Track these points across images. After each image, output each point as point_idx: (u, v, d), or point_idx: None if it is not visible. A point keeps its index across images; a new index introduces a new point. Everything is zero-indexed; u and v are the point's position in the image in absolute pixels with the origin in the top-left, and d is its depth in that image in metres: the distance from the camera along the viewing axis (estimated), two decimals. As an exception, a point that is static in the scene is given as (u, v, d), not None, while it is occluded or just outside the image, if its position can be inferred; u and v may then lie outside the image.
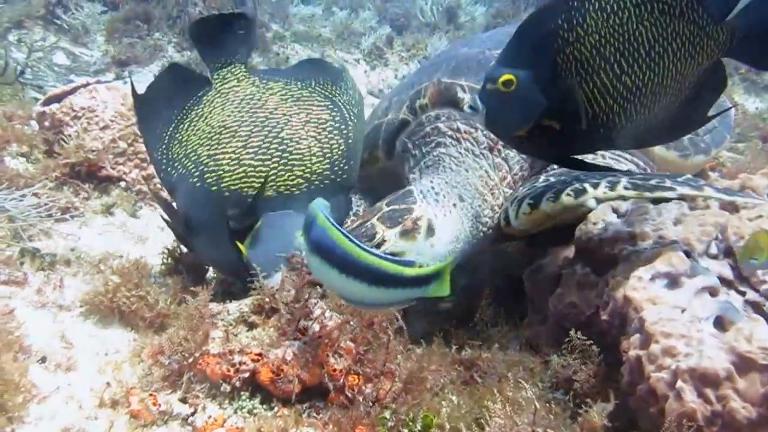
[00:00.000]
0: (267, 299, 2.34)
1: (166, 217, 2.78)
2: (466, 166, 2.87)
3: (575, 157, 2.17)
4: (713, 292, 2.02)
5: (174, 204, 2.74)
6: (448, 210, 2.70)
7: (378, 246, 2.56)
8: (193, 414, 2.09)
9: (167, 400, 2.10)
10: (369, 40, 11.02)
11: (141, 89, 2.94)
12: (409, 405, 2.07)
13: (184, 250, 2.88)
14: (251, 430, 2.04)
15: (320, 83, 2.92)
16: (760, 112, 6.50)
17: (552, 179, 2.66)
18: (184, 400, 2.12)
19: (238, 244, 2.49)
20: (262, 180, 2.51)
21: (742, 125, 6.14)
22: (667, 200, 2.36)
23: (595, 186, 2.37)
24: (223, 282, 2.77)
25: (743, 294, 2.20)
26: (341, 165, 2.63)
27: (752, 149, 4.99)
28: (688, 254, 2.12)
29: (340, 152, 2.64)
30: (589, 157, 2.25)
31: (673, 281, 2.03)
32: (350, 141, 2.68)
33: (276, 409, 2.13)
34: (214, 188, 2.55)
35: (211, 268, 2.92)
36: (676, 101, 2.03)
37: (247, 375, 2.15)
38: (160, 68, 7.53)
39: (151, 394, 2.09)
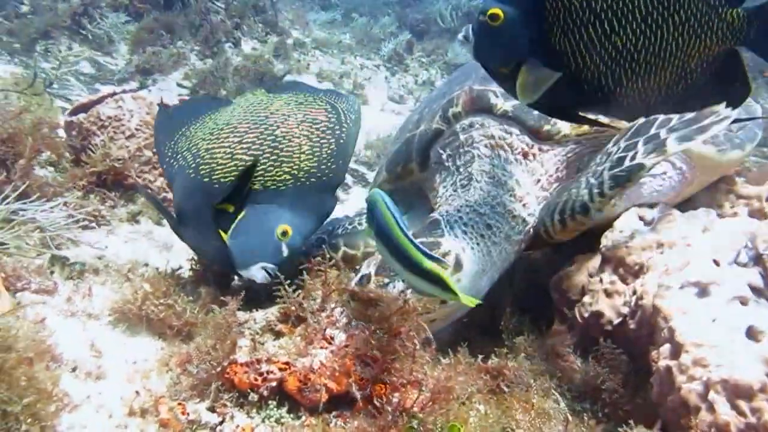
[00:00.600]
0: (293, 307, 2.35)
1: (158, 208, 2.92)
2: (497, 180, 2.84)
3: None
4: (744, 301, 2.00)
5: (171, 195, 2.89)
6: (475, 242, 2.65)
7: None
8: (221, 423, 2.10)
9: (196, 409, 2.12)
10: (389, 46, 11.05)
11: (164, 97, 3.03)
12: (437, 414, 2.06)
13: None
14: (279, 440, 2.06)
15: (326, 94, 3.01)
16: (786, 116, 6.41)
17: (592, 180, 2.58)
18: (212, 409, 2.14)
19: (222, 233, 2.55)
20: (255, 175, 2.57)
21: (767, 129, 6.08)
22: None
23: None
24: (249, 290, 2.78)
25: (774, 302, 2.18)
26: (329, 164, 2.65)
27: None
28: (717, 263, 2.10)
29: (329, 151, 2.66)
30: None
31: (703, 290, 2.01)
32: (341, 141, 2.70)
33: (303, 418, 2.14)
34: (206, 180, 2.64)
35: (236, 277, 2.93)
36: (679, 81, 1.98)
37: (274, 384, 2.16)
38: (183, 76, 7.63)
39: (179, 403, 2.11)
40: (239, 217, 2.55)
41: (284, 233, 2.49)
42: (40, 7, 8.01)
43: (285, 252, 2.51)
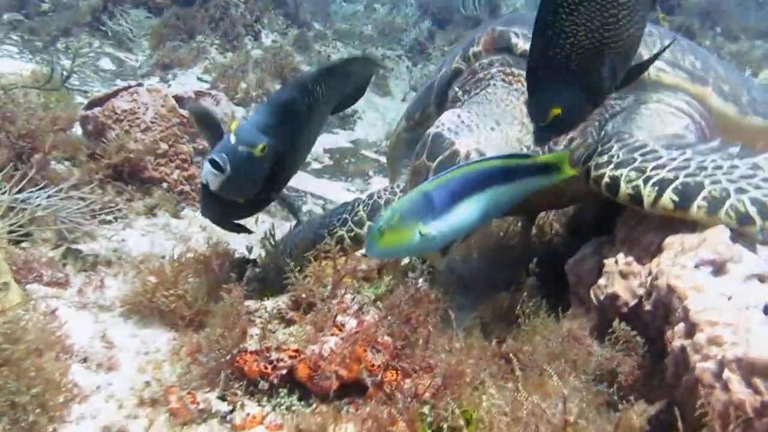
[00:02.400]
0: (304, 295, 2.33)
1: None
2: (508, 102, 2.76)
3: None
4: (762, 279, 1.92)
5: None
6: (487, 134, 2.58)
7: None
8: (231, 412, 2.09)
9: (206, 398, 2.11)
10: (410, 36, 11.00)
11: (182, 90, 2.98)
12: (448, 399, 2.02)
13: (221, 249, 2.85)
14: (290, 428, 2.03)
15: None
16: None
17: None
18: (222, 398, 2.13)
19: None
20: None
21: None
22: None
23: None
24: (263, 280, 2.75)
25: (798, 281, 2.11)
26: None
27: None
28: (734, 240, 2.02)
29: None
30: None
31: (719, 268, 1.94)
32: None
33: (314, 405, 2.12)
34: None
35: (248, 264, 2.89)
36: None
37: (284, 372, 2.14)
38: (203, 70, 7.64)
39: (189, 393, 2.10)
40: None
41: (230, 129, 2.24)
42: (60, 5, 8.09)
43: (232, 140, 2.20)
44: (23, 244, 2.66)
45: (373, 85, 8.81)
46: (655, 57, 2.48)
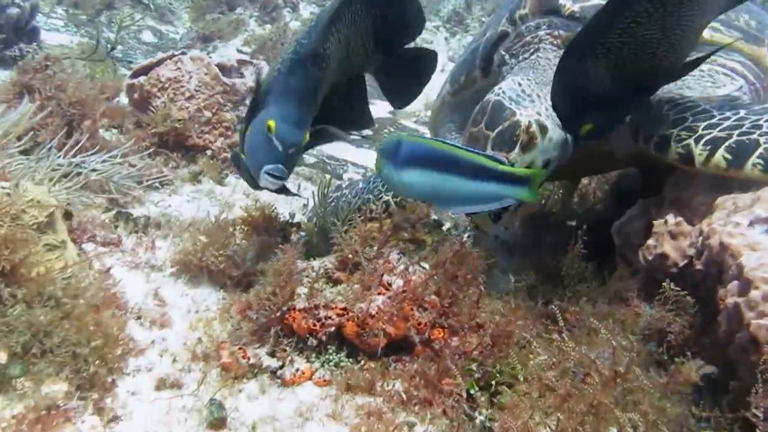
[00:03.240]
0: (350, 255, 2.35)
1: None
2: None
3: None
4: (818, 237, 1.90)
5: None
6: (547, 104, 2.54)
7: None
8: (281, 367, 2.13)
9: (256, 354, 2.15)
10: (448, 7, 10.90)
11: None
12: (496, 357, 2.04)
13: (267, 212, 2.89)
14: (339, 383, 2.07)
15: None
16: None
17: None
18: (272, 354, 2.17)
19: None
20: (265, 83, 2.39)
21: None
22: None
23: None
24: (307, 243, 2.79)
25: None
26: (302, 40, 2.35)
27: None
28: (789, 199, 1.99)
29: (307, 30, 2.38)
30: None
31: (774, 226, 1.92)
32: (320, 15, 2.39)
33: (362, 362, 2.15)
34: None
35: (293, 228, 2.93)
36: None
37: (332, 329, 2.17)
38: (243, 42, 7.68)
39: (240, 348, 2.14)
40: (246, 134, 2.37)
41: (269, 129, 2.23)
42: (103, -21, 8.18)
43: (279, 146, 2.25)
44: (77, 207, 2.72)
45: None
46: (705, 58, 2.40)
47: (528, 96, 2.49)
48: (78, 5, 7.43)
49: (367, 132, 6.12)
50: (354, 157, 5.38)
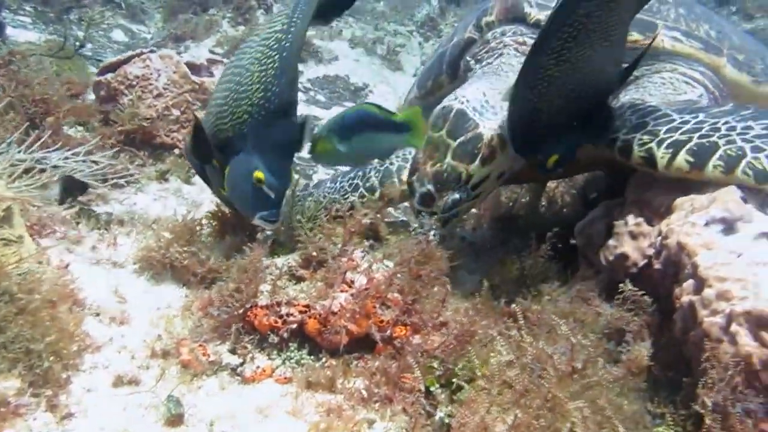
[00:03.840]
0: (314, 252, 2.34)
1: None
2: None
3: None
4: (773, 237, 1.92)
5: None
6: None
7: (467, 181, 2.48)
8: (242, 364, 2.12)
9: (217, 351, 2.13)
10: (422, 12, 10.93)
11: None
12: (457, 355, 2.04)
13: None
14: (299, 381, 2.05)
15: None
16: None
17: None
18: (233, 351, 2.15)
19: (221, 191, 2.47)
20: (226, 121, 2.37)
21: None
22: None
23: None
24: (274, 242, 2.77)
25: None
26: (275, 87, 2.32)
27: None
28: (745, 201, 2.02)
29: (274, 71, 2.34)
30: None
31: (729, 227, 1.94)
32: (285, 54, 2.35)
33: (324, 359, 2.14)
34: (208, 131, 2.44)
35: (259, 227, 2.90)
36: None
37: (294, 326, 2.16)
38: (215, 43, 7.64)
39: (200, 345, 2.12)
40: (226, 172, 2.40)
41: (259, 180, 2.30)
42: (73, -23, 8.08)
43: (271, 194, 2.32)
44: (37, 203, 2.68)
45: (385, 60, 8.79)
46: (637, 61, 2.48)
47: (492, 107, 2.52)
48: (47, 2, 7.32)
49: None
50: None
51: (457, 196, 2.48)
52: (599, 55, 2.25)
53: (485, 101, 2.54)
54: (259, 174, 2.30)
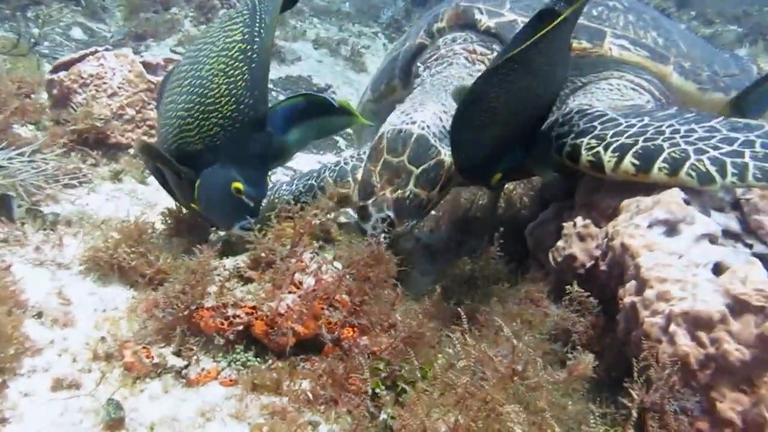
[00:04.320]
0: (263, 254, 2.32)
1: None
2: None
3: None
4: (713, 240, 1.96)
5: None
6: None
7: (425, 206, 2.54)
8: (186, 367, 2.09)
9: (161, 353, 2.10)
10: (387, 14, 10.95)
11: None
12: (404, 357, 2.03)
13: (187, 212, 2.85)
14: (245, 383, 2.03)
15: None
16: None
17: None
18: (178, 353, 2.12)
19: (192, 205, 2.48)
20: (192, 133, 2.37)
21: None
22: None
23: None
24: (225, 243, 2.75)
25: (750, 247, 2.14)
26: (246, 99, 2.32)
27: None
28: (688, 203, 2.05)
29: (243, 83, 2.33)
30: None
31: (672, 228, 1.97)
32: (254, 65, 2.34)
33: (270, 361, 2.12)
34: (165, 146, 2.45)
35: (213, 228, 2.88)
36: None
37: (241, 328, 2.14)
38: (177, 42, 7.56)
39: (144, 347, 2.09)
40: (197, 184, 2.41)
41: (238, 191, 2.37)
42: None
43: (250, 204, 2.41)
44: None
45: (349, 61, 8.78)
46: None
47: (448, 132, 2.54)
48: (2, 0, 7.19)
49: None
50: (284, 159, 5.33)
51: (414, 221, 2.52)
52: (541, 83, 2.27)
53: (443, 127, 2.57)
54: (237, 185, 2.36)
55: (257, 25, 2.39)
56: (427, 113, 2.60)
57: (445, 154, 2.49)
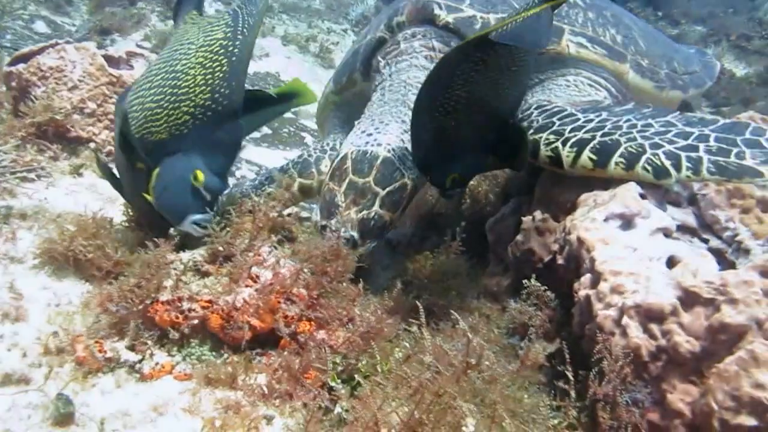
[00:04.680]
0: (221, 248, 2.30)
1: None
2: None
3: None
4: (668, 233, 1.97)
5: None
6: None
7: (388, 227, 2.56)
8: (140, 361, 2.06)
9: (114, 348, 2.06)
10: (357, 11, 10.92)
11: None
12: (361, 350, 2.02)
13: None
14: (199, 377, 2.00)
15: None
16: (747, 76, 6.44)
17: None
18: (131, 348, 2.09)
19: (145, 195, 2.44)
20: (160, 124, 2.37)
21: (727, 89, 6.11)
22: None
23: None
24: (185, 237, 2.71)
25: (706, 242, 2.17)
26: (223, 90, 2.36)
27: (735, 113, 4.94)
28: (644, 197, 2.06)
29: (222, 75, 2.37)
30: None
31: (627, 222, 1.99)
32: (234, 59, 2.39)
33: (226, 356, 2.10)
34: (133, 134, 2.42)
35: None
36: None
37: (196, 322, 2.11)
38: (143, 37, 7.47)
39: (96, 342, 2.05)
40: (154, 174, 2.39)
41: (196, 178, 2.32)
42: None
43: (207, 196, 2.37)
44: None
45: (318, 58, 8.74)
46: None
47: (410, 154, 2.56)
48: (-36, -9, 7.05)
49: (266, 131, 6.08)
50: (249, 155, 5.30)
51: (375, 243, 2.53)
52: (509, 77, 2.27)
53: (405, 149, 2.60)
54: (198, 172, 2.32)
55: (240, 24, 2.47)
56: (392, 136, 2.64)
57: (408, 177, 2.53)
